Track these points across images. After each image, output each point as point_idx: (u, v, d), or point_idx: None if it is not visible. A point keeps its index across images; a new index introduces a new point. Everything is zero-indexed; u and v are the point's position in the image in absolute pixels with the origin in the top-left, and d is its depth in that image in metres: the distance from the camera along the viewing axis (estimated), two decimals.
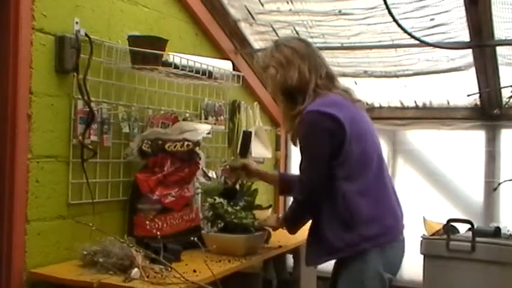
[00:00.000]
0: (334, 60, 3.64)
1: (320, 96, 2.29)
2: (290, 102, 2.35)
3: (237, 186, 2.86)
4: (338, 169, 2.21)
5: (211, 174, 3.09)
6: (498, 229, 3.14)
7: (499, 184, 3.36)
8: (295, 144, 2.42)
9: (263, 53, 2.49)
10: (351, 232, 2.21)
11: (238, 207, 2.68)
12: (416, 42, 2.93)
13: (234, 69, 3.16)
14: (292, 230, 2.49)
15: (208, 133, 3.05)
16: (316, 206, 2.27)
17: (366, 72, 3.69)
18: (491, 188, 3.51)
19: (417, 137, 3.92)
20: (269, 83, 2.42)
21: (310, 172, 2.26)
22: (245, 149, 3.62)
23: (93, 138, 2.52)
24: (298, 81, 2.32)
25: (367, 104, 3.98)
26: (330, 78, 2.39)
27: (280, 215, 2.74)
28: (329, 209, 2.24)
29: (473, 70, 3.32)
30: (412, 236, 3.45)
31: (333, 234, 2.23)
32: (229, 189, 2.82)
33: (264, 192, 3.88)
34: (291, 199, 2.73)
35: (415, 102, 3.86)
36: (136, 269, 2.17)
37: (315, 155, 2.25)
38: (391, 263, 2.29)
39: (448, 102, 3.77)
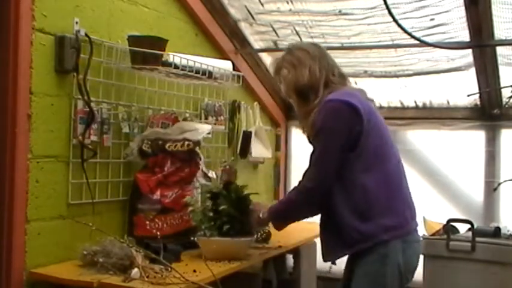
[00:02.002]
0: None
1: (336, 90, 2.33)
2: (303, 100, 2.38)
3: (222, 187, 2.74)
4: (355, 161, 2.22)
5: (211, 174, 3.08)
6: (498, 229, 3.14)
7: (499, 184, 3.36)
8: (309, 140, 2.41)
9: (275, 59, 2.54)
10: (369, 223, 2.21)
11: (222, 208, 2.56)
12: (416, 42, 2.93)
13: (234, 69, 3.16)
14: (281, 224, 2.46)
15: (208, 133, 3.05)
16: (322, 197, 2.25)
17: (366, 72, 3.69)
18: (491, 188, 3.51)
19: (417, 137, 3.91)
20: (282, 83, 2.45)
21: (324, 158, 2.24)
22: (245, 149, 3.63)
23: (93, 138, 2.52)
24: (308, 79, 2.34)
25: None
26: (343, 76, 2.45)
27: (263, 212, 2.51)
28: (345, 201, 2.23)
29: (473, 70, 3.32)
30: None
31: (350, 226, 2.22)
32: (213, 192, 2.75)
33: (264, 192, 3.89)
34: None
35: (415, 102, 3.86)
36: (136, 269, 2.17)
37: (331, 142, 2.23)
38: (410, 262, 2.29)
39: (448, 102, 3.77)
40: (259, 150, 3.73)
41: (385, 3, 2.66)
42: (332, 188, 2.23)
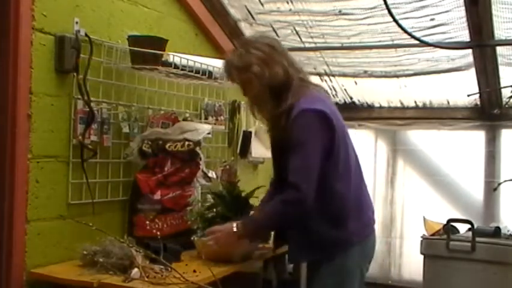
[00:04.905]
0: (334, 60, 3.64)
1: (305, 93, 2.27)
2: (275, 100, 2.27)
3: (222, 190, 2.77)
4: (329, 169, 2.21)
5: (211, 174, 3.09)
6: (498, 229, 3.14)
7: (499, 184, 3.36)
8: (275, 143, 2.42)
9: (236, 53, 2.35)
10: (340, 228, 2.26)
11: (217, 209, 2.60)
12: (416, 42, 2.92)
13: None
14: (260, 238, 2.46)
15: (209, 133, 3.05)
16: (312, 198, 2.18)
17: (366, 72, 3.69)
18: (491, 188, 3.51)
19: (417, 137, 3.91)
20: (253, 82, 2.29)
21: (310, 167, 2.18)
22: (245, 149, 3.62)
23: (93, 138, 2.52)
24: (283, 77, 2.26)
25: (367, 104, 3.99)
26: (304, 71, 2.40)
27: (236, 224, 2.34)
28: (319, 207, 2.21)
29: (473, 70, 3.32)
30: (412, 236, 3.47)
31: (323, 232, 2.26)
32: (213, 192, 2.75)
33: (264, 192, 3.88)
34: None
35: (415, 102, 3.85)
36: (136, 269, 2.17)
37: (313, 151, 2.18)
38: (367, 254, 2.38)
39: (448, 102, 3.77)
40: (259, 150, 3.72)
41: (385, 3, 2.65)
42: None
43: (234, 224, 2.33)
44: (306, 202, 2.17)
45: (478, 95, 3.47)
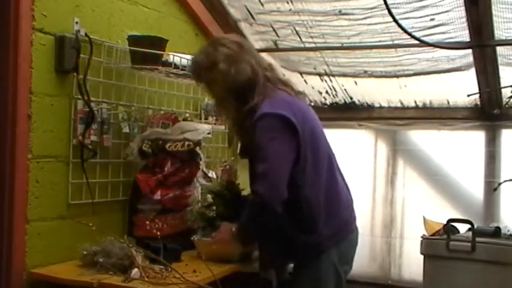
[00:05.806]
0: (334, 60, 3.64)
1: (270, 95, 2.21)
2: (240, 101, 2.22)
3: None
4: (298, 175, 2.16)
5: (211, 174, 3.09)
6: (498, 229, 3.14)
7: (499, 184, 3.36)
8: (245, 149, 2.35)
9: (203, 52, 2.29)
10: (311, 233, 2.22)
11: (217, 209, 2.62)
12: (416, 42, 2.92)
13: None
14: (248, 239, 2.32)
15: (209, 133, 3.06)
16: (279, 207, 2.11)
17: (366, 72, 3.68)
18: (491, 188, 3.50)
19: (417, 137, 3.91)
20: (218, 81, 2.23)
21: (272, 170, 2.11)
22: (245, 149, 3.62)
23: (93, 138, 2.53)
24: (250, 74, 2.20)
25: (367, 104, 3.99)
26: (272, 68, 2.33)
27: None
28: (289, 215, 2.18)
29: (473, 70, 3.31)
30: (412, 236, 3.47)
31: (294, 238, 2.23)
32: (213, 192, 2.75)
33: None
34: None
35: (415, 102, 3.85)
36: (136, 269, 2.17)
37: (272, 156, 2.11)
38: (345, 255, 2.30)
39: (448, 102, 3.76)
40: None
41: (385, 3, 2.65)
42: None
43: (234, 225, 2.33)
44: (268, 207, 2.10)
45: (478, 95, 3.47)
